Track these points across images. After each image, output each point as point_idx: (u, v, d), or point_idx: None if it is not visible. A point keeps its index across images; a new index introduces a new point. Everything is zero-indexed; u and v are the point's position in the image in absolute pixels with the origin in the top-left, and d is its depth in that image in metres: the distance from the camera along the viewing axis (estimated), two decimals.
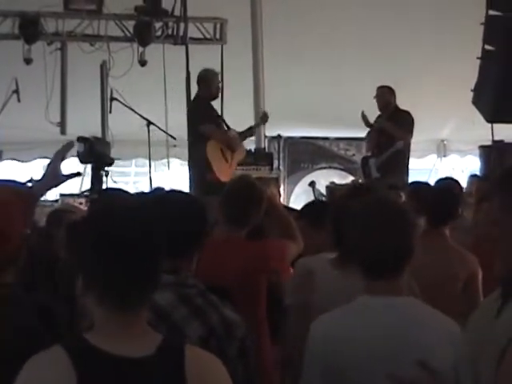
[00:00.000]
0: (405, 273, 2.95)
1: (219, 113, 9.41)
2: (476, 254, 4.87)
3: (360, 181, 10.03)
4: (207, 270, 3.21)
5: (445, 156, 14.36)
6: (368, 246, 2.92)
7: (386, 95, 9.65)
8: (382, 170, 9.49)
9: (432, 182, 7.26)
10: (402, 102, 9.77)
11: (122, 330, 2.13)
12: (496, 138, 9.35)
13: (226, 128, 9.29)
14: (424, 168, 13.70)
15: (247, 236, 4.06)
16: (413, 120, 9.52)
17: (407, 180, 9.21)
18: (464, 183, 8.89)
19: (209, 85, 9.11)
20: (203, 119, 8.93)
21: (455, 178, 7.55)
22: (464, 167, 13.77)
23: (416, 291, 3.72)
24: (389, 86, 9.71)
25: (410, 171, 10.07)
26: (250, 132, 9.65)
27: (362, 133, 10.40)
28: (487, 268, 3.38)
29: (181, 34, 10.06)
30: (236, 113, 9.72)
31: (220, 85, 9.25)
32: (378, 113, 9.77)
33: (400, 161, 9.61)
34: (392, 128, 9.47)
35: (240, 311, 2.97)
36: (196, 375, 2.14)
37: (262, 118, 9.64)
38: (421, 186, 6.42)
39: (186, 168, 9.67)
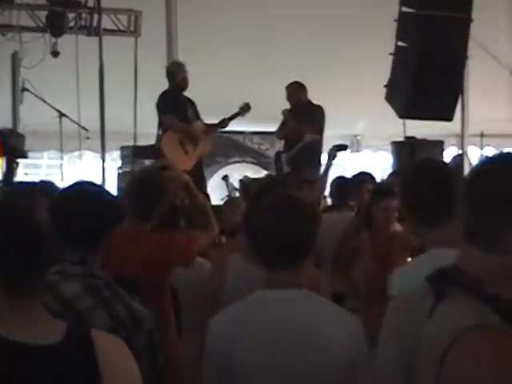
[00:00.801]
0: (304, 265, 2.94)
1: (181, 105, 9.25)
2: None
3: (273, 175, 10.05)
4: (113, 262, 3.20)
5: (358, 151, 14.53)
6: (264, 238, 2.92)
7: (297, 92, 9.71)
8: (292, 164, 9.54)
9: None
10: (315, 98, 9.81)
11: (21, 316, 2.09)
12: (408, 134, 9.49)
13: (197, 119, 9.20)
14: (337, 163, 13.77)
15: (159, 228, 4.03)
16: (324, 114, 9.60)
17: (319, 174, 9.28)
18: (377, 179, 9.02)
19: (172, 77, 9.11)
20: (164, 110, 8.92)
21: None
22: (377, 163, 13.95)
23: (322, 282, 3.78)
24: (299, 81, 9.76)
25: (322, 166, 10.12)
26: (222, 124, 9.46)
27: (275, 127, 10.42)
28: None
29: (94, 25, 9.94)
30: (151, 106, 9.64)
31: (186, 75, 9.16)
32: None
33: (311, 155, 9.67)
34: (294, 128, 9.56)
35: (146, 303, 2.95)
36: (108, 361, 2.14)
37: (243, 109, 9.43)
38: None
39: (99, 160, 9.56)
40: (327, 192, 7.26)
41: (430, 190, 3.07)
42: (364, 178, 7.03)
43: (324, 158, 8.93)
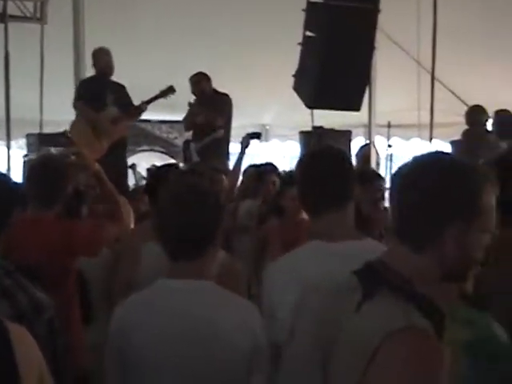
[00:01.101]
0: (208, 255, 2.93)
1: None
2: None
3: (181, 164, 10.01)
4: (16, 249, 3.14)
5: (266, 141, 14.59)
6: (167, 228, 2.91)
7: (200, 82, 9.75)
8: (201, 154, 9.53)
9: None
10: (223, 87, 9.81)
11: None
12: (316, 124, 9.55)
13: (122, 106, 9.05)
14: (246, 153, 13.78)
15: (63, 215, 3.97)
16: (231, 102, 9.63)
17: (228, 164, 9.30)
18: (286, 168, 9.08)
19: (94, 63, 9.05)
20: (76, 97, 8.88)
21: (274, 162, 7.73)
22: (285, 152, 14.02)
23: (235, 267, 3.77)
24: (202, 72, 9.77)
25: (231, 155, 10.14)
26: (139, 108, 9.20)
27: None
28: None
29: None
30: (57, 94, 9.48)
31: (110, 60, 9.09)
32: None
33: (221, 145, 9.69)
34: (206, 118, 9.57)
35: (48, 291, 2.90)
36: (21, 348, 2.16)
37: (164, 92, 9.10)
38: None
39: (4, 148, 9.36)
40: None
41: (316, 178, 3.08)
42: (268, 169, 7.11)
43: (234, 147, 8.97)
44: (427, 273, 2.07)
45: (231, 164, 7.82)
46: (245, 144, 6.69)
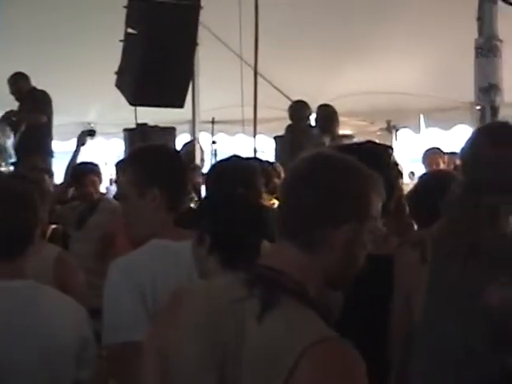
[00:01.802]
0: (26, 255, 2.88)
1: None
2: None
3: None
4: None
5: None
6: None
7: (17, 82, 9.61)
8: (18, 151, 9.35)
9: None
10: (47, 86, 9.58)
11: None
12: (140, 121, 9.43)
13: None
14: (70, 150, 13.55)
15: None
16: (49, 99, 9.49)
17: (51, 162, 9.15)
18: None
19: None
20: None
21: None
22: (109, 150, 13.86)
23: None
24: (20, 72, 9.57)
25: (55, 153, 10.02)
26: None
27: None
28: None
29: None
30: None
31: None
32: None
33: (40, 141, 9.49)
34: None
35: None
36: None
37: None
38: None
39: None
40: None
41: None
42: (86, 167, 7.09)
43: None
44: (317, 276, 2.00)
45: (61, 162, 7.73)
46: (81, 141, 6.59)
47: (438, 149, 9.45)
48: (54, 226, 6.96)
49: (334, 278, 2.03)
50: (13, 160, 9.20)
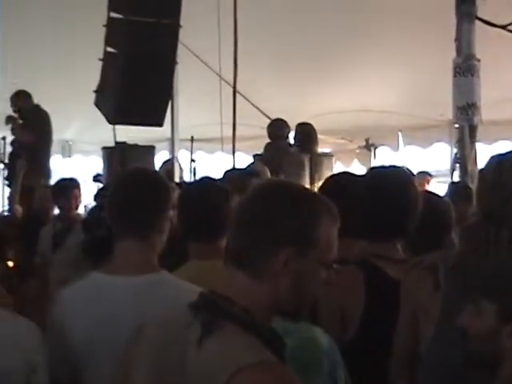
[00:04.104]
0: None
1: None
2: None
3: None
4: None
5: (69, 156, 14.38)
6: None
7: (19, 101, 9.68)
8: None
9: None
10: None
11: None
12: (119, 140, 9.40)
13: None
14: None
15: None
16: (42, 118, 9.55)
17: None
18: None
19: None
20: None
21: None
22: (89, 168, 13.81)
23: None
24: (22, 90, 9.62)
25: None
26: None
27: None
28: None
29: None
30: None
31: None
32: None
33: (37, 161, 9.57)
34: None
35: None
36: None
37: None
38: None
39: None
40: None
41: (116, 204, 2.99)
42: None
43: None
44: (268, 301, 1.99)
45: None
46: None
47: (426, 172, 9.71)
48: None
49: (283, 306, 2.02)
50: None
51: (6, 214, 9.59)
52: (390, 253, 3.25)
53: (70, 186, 7.08)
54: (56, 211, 7.41)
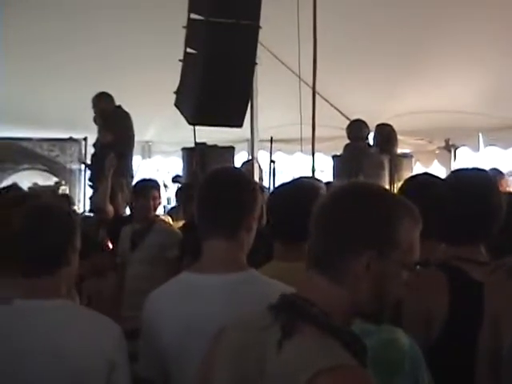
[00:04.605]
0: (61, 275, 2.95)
1: None
2: None
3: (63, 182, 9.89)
4: None
5: (149, 157, 14.51)
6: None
7: (100, 103, 9.78)
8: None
9: None
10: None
11: None
12: (199, 141, 9.47)
13: None
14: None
15: None
16: (122, 118, 9.63)
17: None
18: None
19: None
20: None
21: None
22: (169, 168, 13.95)
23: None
24: (104, 92, 9.78)
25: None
26: None
27: (65, 134, 10.19)
28: None
29: None
30: None
31: None
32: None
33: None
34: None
35: None
36: None
37: None
38: None
39: None
40: None
41: (204, 203, 3.00)
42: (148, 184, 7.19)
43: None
44: (347, 305, 1.98)
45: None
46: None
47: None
48: None
49: (363, 309, 2.01)
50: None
51: (87, 214, 9.75)
52: (474, 255, 3.20)
53: (149, 187, 7.14)
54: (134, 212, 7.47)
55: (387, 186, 7.92)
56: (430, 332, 3.07)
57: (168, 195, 12.77)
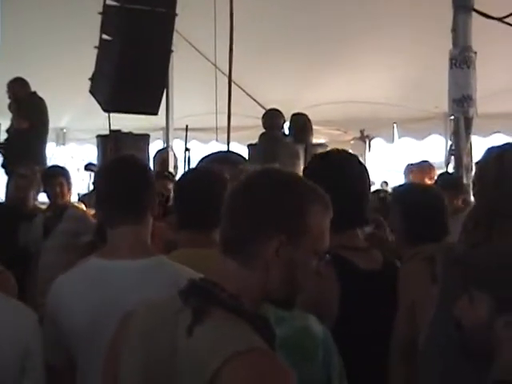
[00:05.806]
0: None
1: None
2: None
3: None
4: None
5: (63, 144, 14.36)
6: None
7: (14, 88, 9.60)
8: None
9: None
10: None
11: None
12: (114, 128, 9.38)
13: None
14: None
15: None
16: (38, 105, 9.51)
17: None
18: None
19: None
20: None
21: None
22: (83, 156, 13.79)
23: None
24: (19, 77, 9.64)
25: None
26: None
27: None
28: None
29: None
30: None
31: None
32: None
33: (31, 149, 9.55)
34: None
35: None
36: None
37: None
38: None
39: None
40: None
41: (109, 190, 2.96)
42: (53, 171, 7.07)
43: None
44: (257, 289, 1.97)
45: None
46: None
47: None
48: None
49: (273, 294, 2.00)
50: None
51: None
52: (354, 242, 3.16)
53: (55, 174, 7.01)
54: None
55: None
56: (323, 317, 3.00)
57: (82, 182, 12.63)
